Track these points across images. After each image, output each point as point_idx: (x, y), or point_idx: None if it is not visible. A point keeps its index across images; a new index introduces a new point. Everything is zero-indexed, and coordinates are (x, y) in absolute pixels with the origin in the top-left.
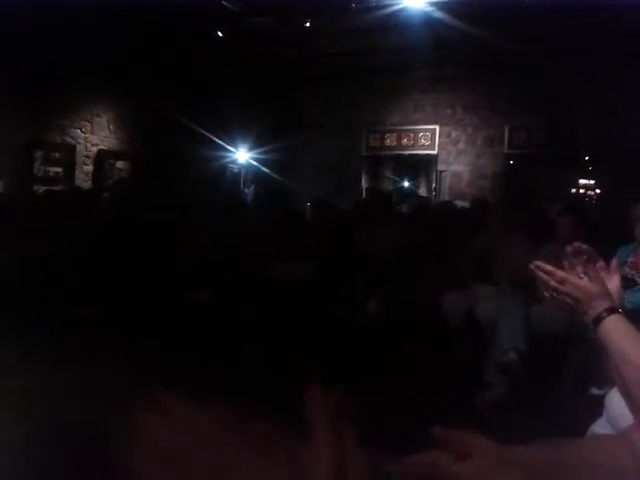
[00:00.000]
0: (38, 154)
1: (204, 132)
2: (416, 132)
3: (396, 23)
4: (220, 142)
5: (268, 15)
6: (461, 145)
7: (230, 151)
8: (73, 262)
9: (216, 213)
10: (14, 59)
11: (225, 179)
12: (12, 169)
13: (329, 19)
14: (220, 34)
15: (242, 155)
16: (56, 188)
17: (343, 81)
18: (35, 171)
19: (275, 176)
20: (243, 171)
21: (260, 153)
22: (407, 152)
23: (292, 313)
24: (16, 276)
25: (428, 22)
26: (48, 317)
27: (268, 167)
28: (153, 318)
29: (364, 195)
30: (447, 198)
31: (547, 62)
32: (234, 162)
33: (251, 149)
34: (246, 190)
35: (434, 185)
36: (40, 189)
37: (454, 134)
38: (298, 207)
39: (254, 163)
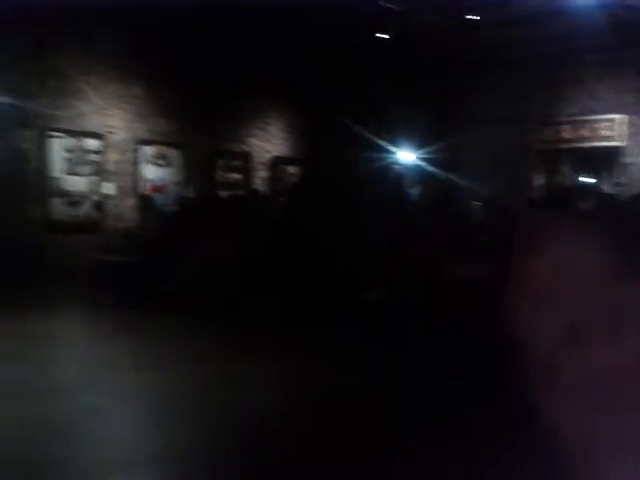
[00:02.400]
0: (219, 162)
1: (369, 135)
2: (594, 122)
3: (565, 7)
4: (385, 143)
5: (431, 12)
6: None
7: (395, 152)
8: (256, 260)
9: (384, 214)
10: (189, 73)
11: (391, 180)
12: (198, 177)
13: (493, 10)
14: (382, 35)
15: (408, 155)
16: (238, 193)
17: (511, 73)
18: (218, 178)
19: (441, 175)
20: (409, 171)
21: (426, 152)
22: (585, 144)
23: (469, 314)
24: (211, 273)
25: (600, 1)
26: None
27: (434, 166)
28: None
29: (538, 192)
30: (636, 192)
31: None
32: (400, 163)
33: (417, 148)
34: (412, 191)
35: (618, 179)
36: (223, 194)
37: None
38: (466, 207)
39: (420, 163)
